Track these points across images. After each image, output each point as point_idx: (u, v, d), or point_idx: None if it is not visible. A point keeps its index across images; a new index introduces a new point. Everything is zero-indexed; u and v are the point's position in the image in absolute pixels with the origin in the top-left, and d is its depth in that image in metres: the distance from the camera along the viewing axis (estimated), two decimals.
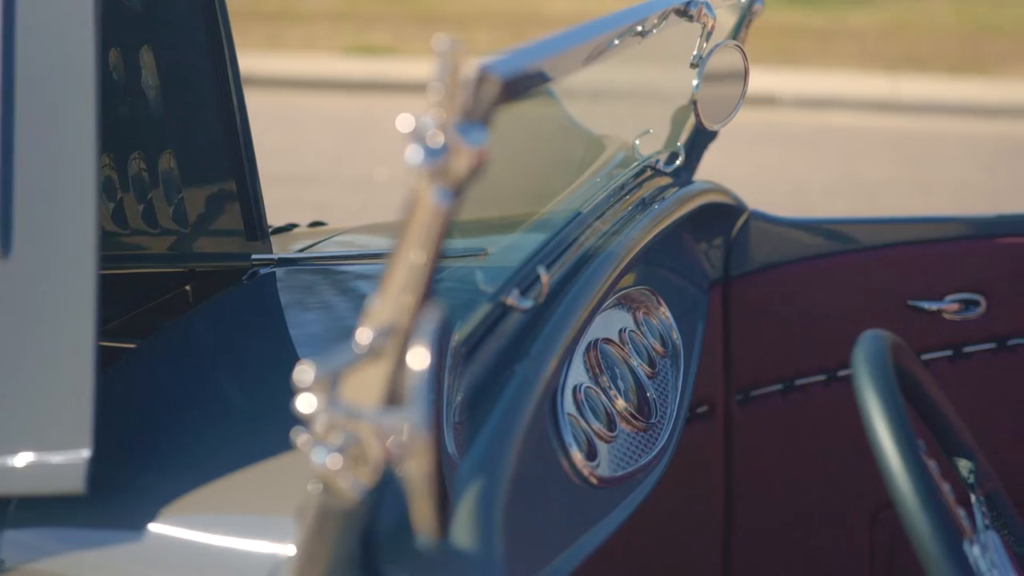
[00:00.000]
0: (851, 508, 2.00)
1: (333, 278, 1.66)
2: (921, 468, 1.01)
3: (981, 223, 1.93)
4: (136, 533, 1.10)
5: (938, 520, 0.98)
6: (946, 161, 7.46)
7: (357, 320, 0.85)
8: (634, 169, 1.77)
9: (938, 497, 1.01)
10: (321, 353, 0.83)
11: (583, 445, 1.32)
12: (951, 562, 0.97)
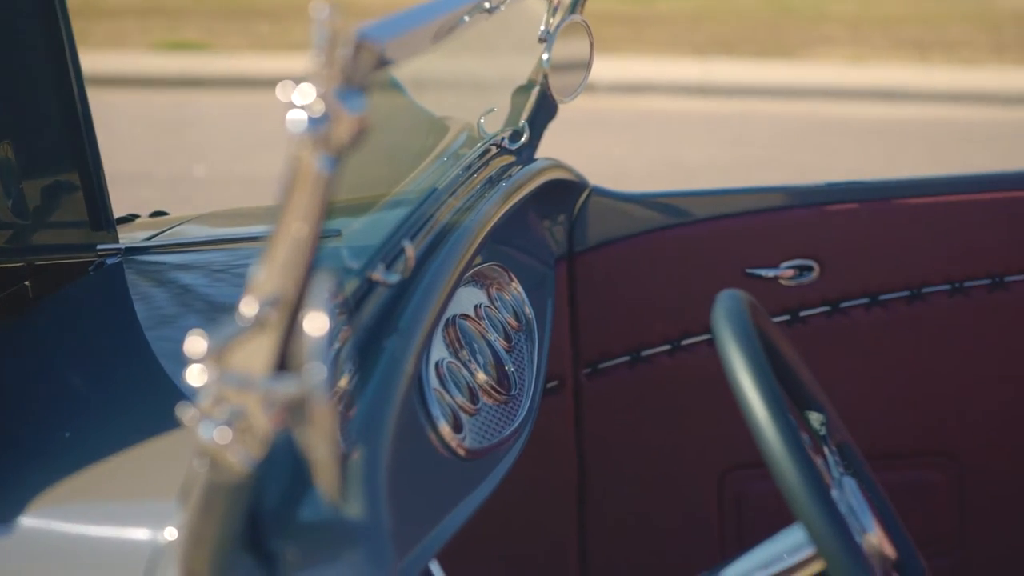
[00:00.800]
0: (699, 472, 2.06)
1: (181, 265, 1.63)
2: (788, 420, 1.05)
3: (812, 192, 2.00)
4: (1, 529, 1.07)
5: (807, 468, 1.02)
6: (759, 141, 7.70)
7: (209, 304, 0.85)
8: (480, 148, 1.79)
9: (803, 447, 1.05)
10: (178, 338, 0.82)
11: (449, 418, 1.34)
12: (821, 507, 1.01)
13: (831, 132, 7.93)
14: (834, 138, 7.77)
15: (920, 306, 1.99)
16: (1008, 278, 1.97)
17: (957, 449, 2.04)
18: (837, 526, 1.01)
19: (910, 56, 10.15)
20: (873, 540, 1.13)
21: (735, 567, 1.23)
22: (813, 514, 1.01)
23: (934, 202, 1.98)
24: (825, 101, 8.82)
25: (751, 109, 8.63)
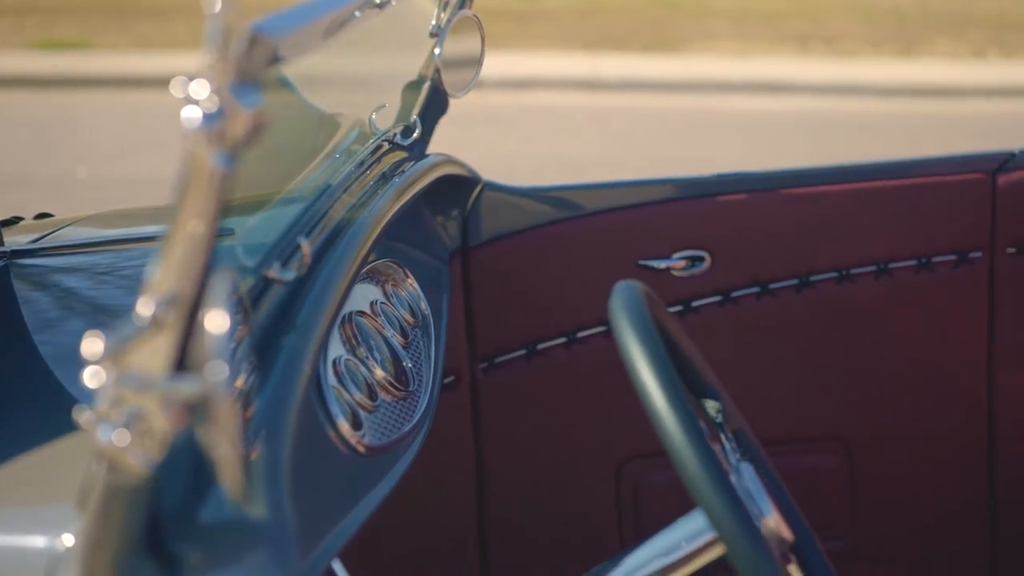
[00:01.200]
0: (596, 463, 2.07)
1: (68, 267, 1.60)
2: (687, 407, 1.06)
3: (702, 183, 2.03)
4: None
5: (707, 455, 1.04)
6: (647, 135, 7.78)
7: (98, 306, 0.83)
8: (372, 144, 1.78)
9: (703, 435, 1.06)
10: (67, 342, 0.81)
11: (348, 416, 1.33)
12: (721, 493, 1.02)
13: (717, 125, 8.04)
14: (720, 131, 7.88)
15: (809, 293, 2.03)
16: (892, 264, 2.02)
17: (847, 434, 2.08)
18: (737, 511, 1.02)
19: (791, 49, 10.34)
20: (771, 523, 1.15)
21: (636, 556, 1.25)
22: (714, 500, 1.02)
23: (820, 191, 2.02)
24: (710, 95, 8.94)
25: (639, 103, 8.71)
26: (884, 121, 8.20)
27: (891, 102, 8.81)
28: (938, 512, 2.12)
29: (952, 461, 2.10)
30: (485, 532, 2.08)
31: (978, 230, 2.02)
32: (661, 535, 1.22)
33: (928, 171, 2.02)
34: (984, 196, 2.01)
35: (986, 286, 2.03)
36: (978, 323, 2.04)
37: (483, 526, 2.08)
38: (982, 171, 2.01)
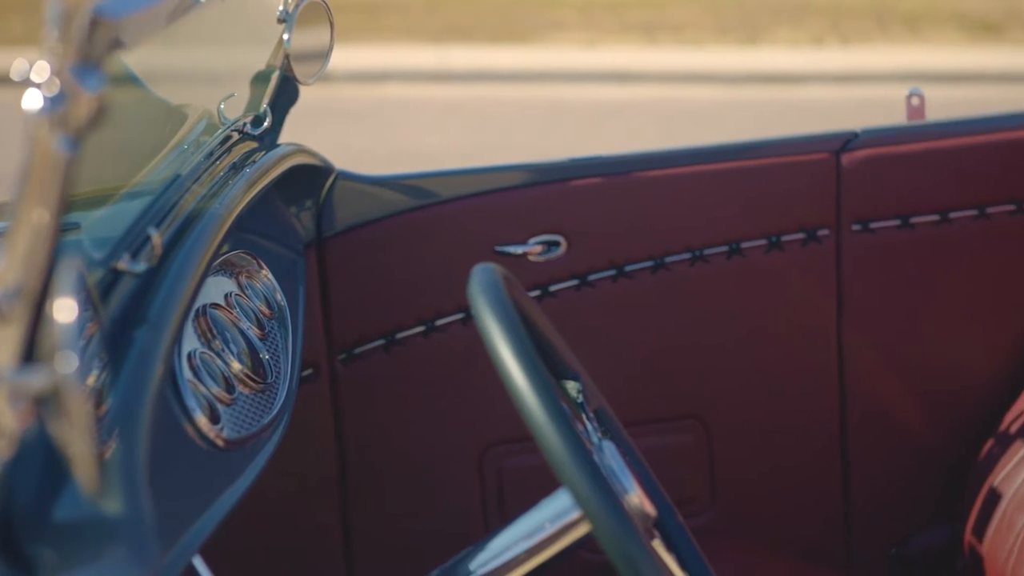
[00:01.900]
0: (459, 450, 2.07)
1: None
2: (550, 388, 1.06)
3: (556, 168, 2.04)
4: None
5: (570, 434, 1.04)
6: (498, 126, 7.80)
7: None
8: (220, 134, 1.75)
9: (565, 413, 1.06)
10: None
11: (205, 409, 1.31)
12: (585, 471, 1.03)
13: (567, 114, 8.10)
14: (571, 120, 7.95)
15: (663, 275, 2.05)
16: (743, 244, 2.06)
17: (704, 411, 2.12)
18: (601, 488, 1.03)
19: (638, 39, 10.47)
20: (634, 500, 1.16)
21: (501, 538, 1.25)
22: (578, 478, 1.02)
23: (672, 173, 2.05)
24: (560, 84, 9.01)
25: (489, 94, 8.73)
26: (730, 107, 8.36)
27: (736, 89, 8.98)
28: (794, 485, 2.17)
29: (806, 435, 2.15)
30: (349, 524, 2.07)
31: (824, 208, 2.06)
32: (525, 517, 1.23)
33: (775, 152, 2.06)
34: (829, 175, 2.06)
35: (833, 262, 2.08)
36: (827, 298, 2.09)
37: (347, 518, 2.06)
38: (826, 151, 2.06)
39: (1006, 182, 2.08)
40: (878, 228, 2.07)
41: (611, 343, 2.07)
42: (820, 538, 2.19)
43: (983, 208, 2.08)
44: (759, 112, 8.15)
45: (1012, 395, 2.14)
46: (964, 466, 2.15)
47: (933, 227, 2.07)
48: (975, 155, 2.08)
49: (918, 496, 2.18)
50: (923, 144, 2.07)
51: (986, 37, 10.65)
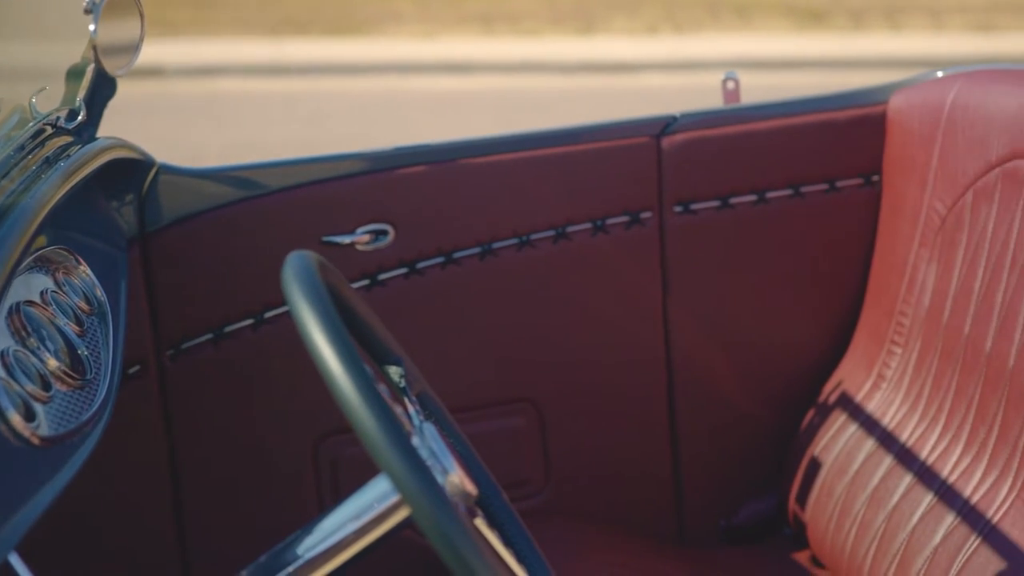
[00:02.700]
0: (293, 442, 2.06)
1: None
2: (364, 371, 1.06)
3: (382, 156, 2.04)
4: None
5: (385, 416, 1.04)
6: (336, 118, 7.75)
7: None
8: (32, 128, 1.71)
9: (381, 397, 1.07)
10: None
11: (20, 408, 1.28)
12: (400, 452, 1.03)
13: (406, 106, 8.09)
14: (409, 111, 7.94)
15: (492, 261, 2.07)
16: (569, 228, 2.09)
17: (536, 394, 2.15)
18: (417, 469, 1.04)
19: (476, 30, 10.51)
20: (455, 480, 1.17)
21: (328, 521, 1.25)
22: (393, 460, 1.03)
23: (498, 160, 2.07)
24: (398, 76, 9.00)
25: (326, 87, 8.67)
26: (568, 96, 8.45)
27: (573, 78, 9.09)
28: (625, 463, 2.21)
29: (635, 413, 2.19)
30: (182, 522, 2.04)
31: (647, 191, 2.11)
32: (352, 499, 1.23)
33: (598, 137, 2.10)
34: (650, 159, 2.10)
35: (657, 244, 2.13)
36: (652, 279, 2.14)
37: (180, 516, 2.04)
38: (647, 135, 2.10)
39: (820, 162, 2.15)
40: (699, 209, 2.12)
41: (442, 330, 2.09)
42: (652, 513, 2.24)
43: (798, 187, 2.14)
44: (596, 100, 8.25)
45: (831, 367, 2.22)
46: (788, 437, 2.22)
47: (751, 207, 2.14)
48: (790, 136, 2.14)
49: (745, 468, 2.25)
50: (740, 127, 2.13)
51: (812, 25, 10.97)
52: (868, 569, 1.91)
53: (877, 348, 2.10)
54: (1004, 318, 1.80)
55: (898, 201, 2.10)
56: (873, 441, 2.02)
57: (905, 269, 2.05)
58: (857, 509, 1.98)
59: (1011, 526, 1.70)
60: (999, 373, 1.79)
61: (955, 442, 1.87)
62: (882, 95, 2.15)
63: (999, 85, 1.91)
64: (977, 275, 1.87)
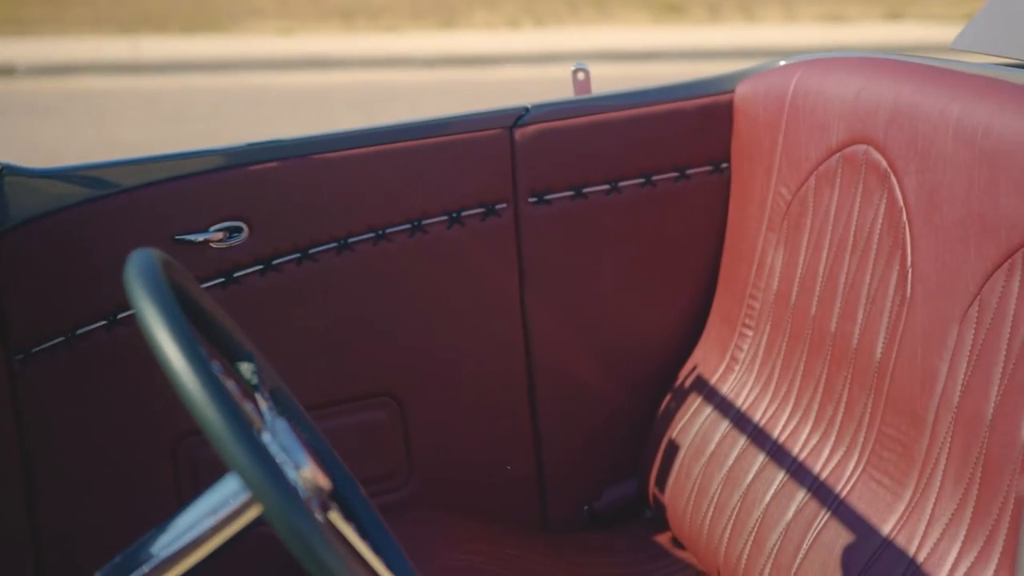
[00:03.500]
0: (151, 444, 2.03)
1: None
2: (208, 368, 1.06)
3: (234, 153, 2.02)
4: None
5: (231, 413, 1.04)
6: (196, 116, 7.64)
7: None
8: None
9: (226, 392, 1.06)
10: None
11: None
12: (247, 449, 1.03)
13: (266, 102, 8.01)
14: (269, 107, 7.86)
15: (348, 256, 2.07)
16: (425, 221, 2.09)
17: (396, 388, 2.15)
18: (264, 465, 1.03)
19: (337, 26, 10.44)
20: (307, 474, 1.17)
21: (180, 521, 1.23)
22: (239, 456, 1.03)
23: (351, 155, 2.06)
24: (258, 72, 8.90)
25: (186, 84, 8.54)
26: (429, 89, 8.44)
27: (435, 72, 9.09)
28: (488, 453, 2.22)
29: (496, 403, 2.21)
30: (40, 533, 2.00)
31: (501, 182, 2.12)
32: (201, 499, 1.22)
33: (451, 130, 2.11)
34: (504, 150, 2.12)
35: (513, 235, 2.14)
36: (509, 270, 2.16)
37: (34, 519, 2.00)
38: (500, 127, 2.12)
39: (670, 151, 2.19)
40: (553, 199, 2.15)
41: (300, 326, 2.08)
42: (516, 502, 2.26)
43: (649, 176, 2.18)
44: (459, 93, 8.26)
45: (687, 351, 2.26)
46: (647, 422, 2.26)
47: (604, 196, 2.17)
48: (640, 126, 2.18)
49: (606, 454, 2.28)
50: (591, 117, 2.15)
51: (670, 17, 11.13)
52: (725, 547, 1.96)
53: (730, 332, 2.15)
54: (847, 299, 1.85)
55: (746, 187, 2.15)
56: (727, 423, 2.07)
57: (754, 254, 2.10)
58: (713, 489, 2.02)
59: (858, 499, 1.76)
60: (844, 352, 1.85)
61: (804, 420, 1.92)
62: (728, 84, 2.20)
63: (837, 73, 1.97)
64: (821, 258, 1.93)
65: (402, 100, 8.07)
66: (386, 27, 10.40)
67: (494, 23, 10.71)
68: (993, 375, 1.56)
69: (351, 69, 9.02)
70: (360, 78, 8.79)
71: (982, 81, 1.74)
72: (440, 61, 9.28)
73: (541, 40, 9.97)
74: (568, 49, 9.56)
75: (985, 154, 1.61)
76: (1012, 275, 1.55)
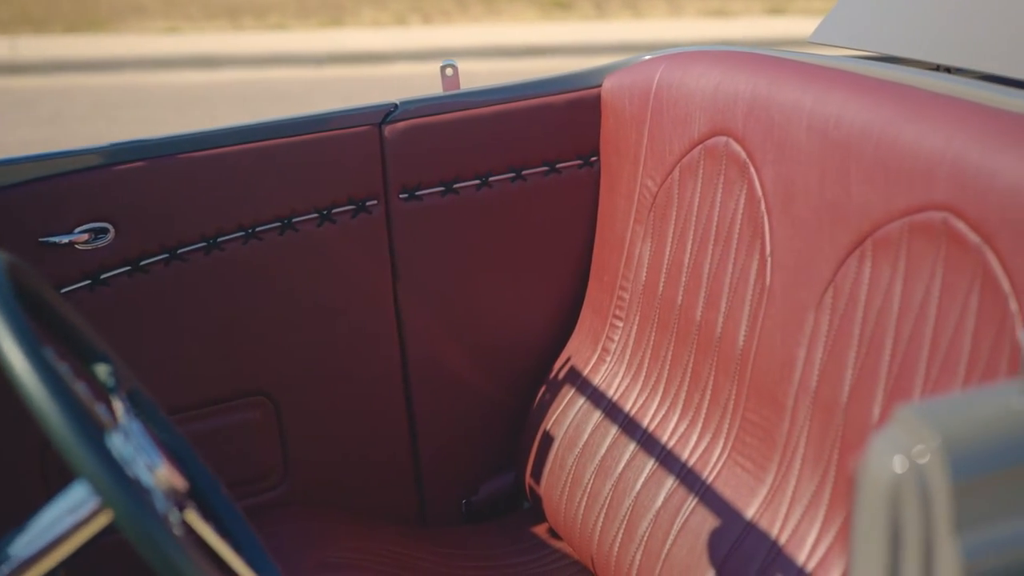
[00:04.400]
0: (19, 449, 2.00)
1: None
2: (50, 371, 1.05)
3: (100, 153, 1.99)
4: None
5: (73, 416, 1.03)
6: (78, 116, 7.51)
7: None
8: None
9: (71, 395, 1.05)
10: None
11: None
12: (91, 451, 1.02)
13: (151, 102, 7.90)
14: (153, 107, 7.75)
15: (218, 255, 2.05)
16: (295, 219, 2.09)
17: (271, 387, 2.14)
18: (110, 468, 1.02)
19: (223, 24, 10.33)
20: (162, 475, 1.16)
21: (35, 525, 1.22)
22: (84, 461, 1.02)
23: (219, 153, 2.05)
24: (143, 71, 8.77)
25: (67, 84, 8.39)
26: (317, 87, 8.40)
27: (323, 69, 9.04)
28: (365, 450, 2.23)
29: (372, 400, 2.21)
30: None
31: (372, 179, 2.13)
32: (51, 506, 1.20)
33: (320, 127, 2.10)
34: (373, 147, 2.12)
35: (384, 232, 2.15)
36: (382, 267, 2.16)
37: None
38: (369, 123, 2.12)
39: (540, 145, 2.21)
40: (424, 195, 2.15)
41: (170, 327, 2.06)
42: (395, 498, 2.26)
43: (520, 171, 2.20)
44: (347, 91, 8.23)
45: (561, 344, 2.29)
46: (522, 415, 2.28)
47: (475, 191, 2.18)
48: (510, 121, 2.19)
49: (483, 447, 2.29)
50: (460, 113, 2.16)
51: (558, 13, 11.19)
52: (598, 537, 1.99)
53: (601, 323, 2.18)
54: (711, 288, 1.89)
55: (614, 180, 2.18)
56: (600, 413, 2.09)
57: (623, 246, 2.13)
58: (587, 480, 2.05)
59: (724, 484, 1.79)
60: (709, 341, 1.88)
61: (673, 408, 1.96)
62: (596, 78, 2.23)
63: (698, 66, 2.00)
64: (686, 248, 1.96)
65: (290, 98, 8.01)
66: (274, 25, 10.31)
67: (382, 21, 10.68)
68: (848, 360, 1.61)
69: (238, 68, 8.93)
70: (247, 76, 8.71)
71: (834, 73, 1.79)
72: (328, 59, 9.23)
73: (429, 37, 9.97)
74: (456, 46, 9.57)
75: (836, 144, 1.65)
76: (863, 262, 1.60)
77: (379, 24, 10.54)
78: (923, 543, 0.92)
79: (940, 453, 0.91)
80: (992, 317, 1.41)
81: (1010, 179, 1.39)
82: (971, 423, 0.94)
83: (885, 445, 0.93)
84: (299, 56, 9.22)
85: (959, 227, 1.45)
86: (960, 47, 1.92)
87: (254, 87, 8.36)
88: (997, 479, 0.93)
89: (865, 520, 0.94)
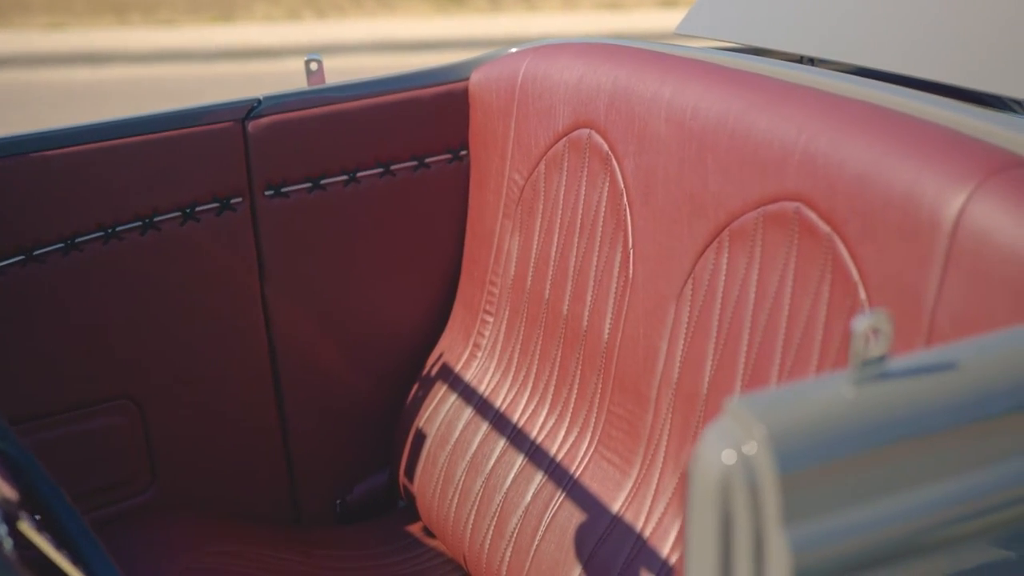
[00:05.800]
0: None
1: None
2: None
3: None
4: None
5: None
6: None
7: None
8: None
9: None
10: None
11: None
12: None
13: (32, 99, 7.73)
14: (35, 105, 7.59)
15: (76, 256, 2.00)
16: (157, 218, 2.04)
17: (135, 391, 2.09)
18: None
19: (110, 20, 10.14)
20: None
21: None
22: None
23: (77, 151, 1.99)
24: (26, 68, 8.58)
25: None
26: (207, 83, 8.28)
27: (214, 66, 8.91)
28: (236, 452, 2.19)
29: (242, 401, 2.17)
30: None
31: (236, 176, 2.08)
32: None
33: (181, 123, 2.05)
34: (237, 143, 2.08)
35: (250, 229, 2.11)
36: (248, 266, 2.12)
37: None
38: (232, 119, 2.07)
39: (409, 139, 2.18)
40: (290, 192, 2.12)
41: (29, 330, 2.00)
42: (268, 500, 2.22)
43: (388, 166, 2.17)
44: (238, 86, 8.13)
45: (434, 340, 2.27)
46: (396, 412, 2.25)
47: (342, 187, 2.15)
48: (377, 115, 2.16)
49: (357, 446, 2.27)
50: (326, 108, 2.13)
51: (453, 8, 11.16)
52: (470, 534, 1.97)
53: (472, 319, 2.16)
54: (577, 281, 1.88)
55: (483, 174, 2.16)
56: (471, 410, 2.08)
57: (492, 240, 2.11)
58: (459, 477, 2.03)
59: (591, 479, 1.79)
60: (576, 334, 1.87)
61: (542, 403, 1.95)
62: (464, 71, 2.21)
63: (562, 59, 1.99)
64: (553, 242, 1.95)
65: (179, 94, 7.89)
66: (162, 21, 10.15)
67: (275, 16, 10.57)
68: (707, 351, 1.61)
69: (125, 64, 8.77)
70: (135, 73, 8.56)
71: (693, 64, 1.79)
72: (219, 55, 9.11)
73: (323, 32, 9.88)
74: (350, 40, 9.50)
75: (693, 135, 1.65)
76: (720, 253, 1.60)
77: (272, 19, 10.43)
78: (753, 535, 0.92)
79: (767, 445, 0.90)
80: (843, 306, 1.41)
81: (857, 168, 1.40)
82: (800, 414, 0.93)
83: (716, 437, 0.92)
84: (189, 52, 9.08)
85: (810, 217, 1.46)
86: (823, 38, 1.93)
87: (143, 84, 8.22)
88: (826, 470, 0.93)
89: (697, 512, 0.94)
